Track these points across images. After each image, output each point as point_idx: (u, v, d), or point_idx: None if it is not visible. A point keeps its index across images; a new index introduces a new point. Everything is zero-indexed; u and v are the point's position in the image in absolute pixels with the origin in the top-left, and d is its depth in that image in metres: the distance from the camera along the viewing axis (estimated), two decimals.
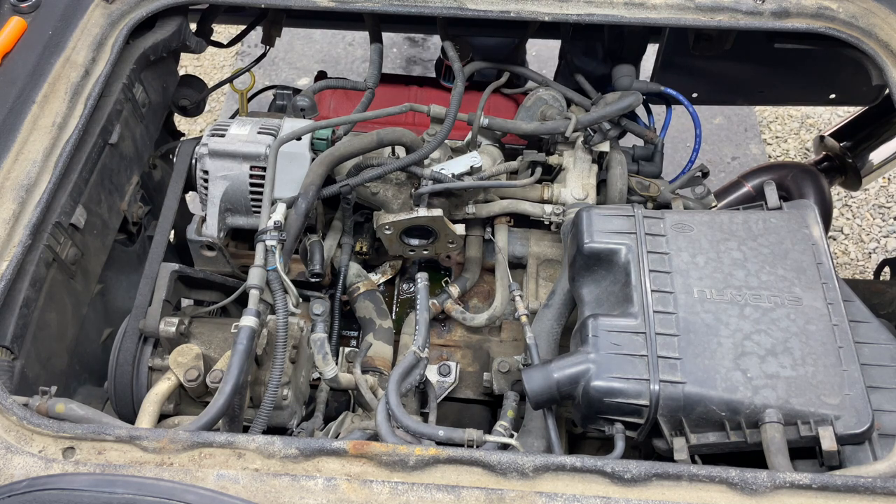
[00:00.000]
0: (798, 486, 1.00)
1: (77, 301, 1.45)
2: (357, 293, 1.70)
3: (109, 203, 1.55)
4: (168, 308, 1.37)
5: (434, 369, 1.62)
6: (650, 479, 1.02)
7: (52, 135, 1.34)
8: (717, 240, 1.32)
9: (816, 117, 3.83)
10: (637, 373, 1.16)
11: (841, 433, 1.10)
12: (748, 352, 1.17)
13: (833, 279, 1.26)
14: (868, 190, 3.54)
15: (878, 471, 1.05)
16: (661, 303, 1.23)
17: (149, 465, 1.03)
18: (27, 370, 1.27)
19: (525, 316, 1.41)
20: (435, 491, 1.01)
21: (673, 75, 1.88)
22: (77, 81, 1.41)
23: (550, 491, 1.01)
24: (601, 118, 1.58)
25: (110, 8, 1.51)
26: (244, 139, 1.54)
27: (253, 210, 1.59)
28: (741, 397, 1.13)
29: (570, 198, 1.61)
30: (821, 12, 1.52)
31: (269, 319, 1.35)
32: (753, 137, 3.76)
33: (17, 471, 1.03)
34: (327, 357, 1.36)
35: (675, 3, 1.53)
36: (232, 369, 1.18)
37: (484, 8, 1.54)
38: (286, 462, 1.04)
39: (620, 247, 1.31)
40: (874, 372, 1.17)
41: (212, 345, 1.36)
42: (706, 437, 1.15)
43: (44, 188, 1.30)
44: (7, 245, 1.23)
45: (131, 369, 1.35)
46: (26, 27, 1.45)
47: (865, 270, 3.29)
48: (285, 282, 1.31)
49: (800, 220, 1.35)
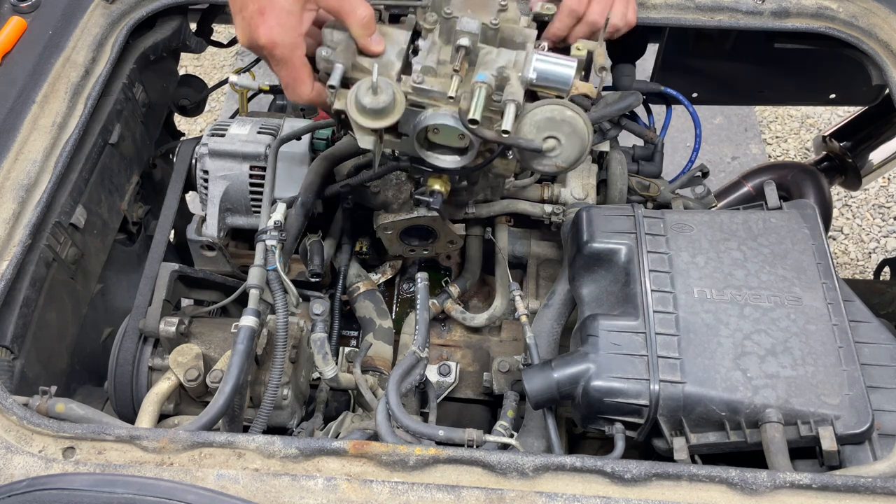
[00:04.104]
0: (798, 486, 1.00)
1: (77, 301, 1.45)
2: (357, 293, 1.70)
3: (109, 203, 1.55)
4: (168, 308, 1.37)
5: (434, 369, 1.62)
6: (650, 479, 1.02)
7: (52, 135, 1.34)
8: (717, 240, 1.32)
9: (816, 117, 3.83)
10: (637, 373, 1.16)
11: (841, 433, 1.10)
12: (748, 352, 1.17)
13: (833, 279, 1.26)
14: (868, 190, 3.55)
15: (878, 471, 1.05)
16: (661, 303, 1.23)
17: (149, 465, 1.03)
18: (27, 370, 1.27)
19: (525, 316, 1.41)
20: (435, 491, 1.01)
21: (673, 75, 1.88)
22: (77, 81, 1.41)
23: (550, 491, 1.01)
24: (601, 118, 1.58)
25: (110, 8, 1.51)
26: (244, 139, 1.54)
27: (253, 210, 1.59)
28: (741, 397, 1.13)
29: (570, 198, 1.61)
30: (821, 12, 1.52)
31: (269, 319, 1.35)
32: (753, 137, 3.77)
33: (17, 471, 1.03)
34: (327, 357, 1.36)
35: (675, 3, 1.53)
36: (232, 369, 1.18)
37: None
38: (286, 462, 1.04)
39: (620, 247, 1.31)
40: (874, 372, 1.17)
41: (212, 345, 1.36)
42: (706, 437, 1.15)
43: (44, 188, 1.30)
44: (7, 245, 1.23)
45: (131, 369, 1.35)
46: (26, 27, 1.45)
47: (865, 270, 3.29)
48: (285, 282, 1.31)
49: (800, 220, 1.35)
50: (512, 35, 1.21)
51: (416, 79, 1.15)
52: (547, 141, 1.20)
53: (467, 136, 1.17)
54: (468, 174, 1.31)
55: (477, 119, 1.11)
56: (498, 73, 1.15)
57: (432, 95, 1.16)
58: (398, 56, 1.18)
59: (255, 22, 1.07)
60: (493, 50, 1.19)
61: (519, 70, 1.16)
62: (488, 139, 1.16)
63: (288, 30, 1.08)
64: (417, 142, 1.20)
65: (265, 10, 1.06)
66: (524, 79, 1.16)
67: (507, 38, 1.21)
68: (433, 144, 1.23)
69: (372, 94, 1.11)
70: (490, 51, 1.18)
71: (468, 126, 1.13)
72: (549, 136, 1.19)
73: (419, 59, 1.18)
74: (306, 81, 1.14)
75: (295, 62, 1.11)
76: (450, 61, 1.17)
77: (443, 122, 1.16)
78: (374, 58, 1.17)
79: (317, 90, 1.16)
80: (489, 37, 1.19)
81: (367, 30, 1.14)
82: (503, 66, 1.16)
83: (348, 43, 1.15)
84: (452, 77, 1.13)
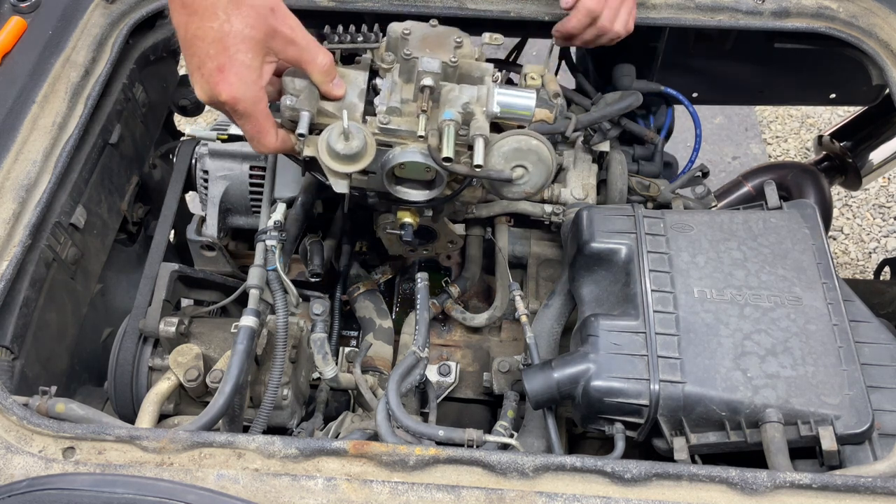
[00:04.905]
0: (798, 486, 1.00)
1: (77, 301, 1.45)
2: (357, 293, 1.70)
3: (109, 203, 1.55)
4: (168, 308, 1.37)
5: (434, 369, 1.62)
6: (650, 479, 1.02)
7: (52, 135, 1.34)
8: (718, 240, 1.32)
9: (816, 117, 3.83)
10: (637, 373, 1.16)
11: (841, 433, 1.10)
12: (748, 351, 1.17)
13: (833, 279, 1.26)
14: (868, 190, 3.55)
15: (878, 471, 1.05)
16: (661, 303, 1.23)
17: (149, 465, 1.03)
18: (27, 370, 1.27)
19: (525, 316, 1.41)
20: (435, 491, 1.01)
21: (673, 75, 1.88)
22: (77, 81, 1.41)
23: (550, 491, 1.01)
24: (601, 118, 1.58)
25: (110, 8, 1.51)
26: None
27: (253, 210, 1.59)
28: (741, 397, 1.13)
29: (570, 198, 1.60)
30: (821, 12, 1.52)
31: (269, 319, 1.35)
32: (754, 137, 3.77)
33: (17, 471, 1.03)
34: (327, 357, 1.36)
35: (675, 3, 1.53)
36: (232, 369, 1.18)
37: (484, 7, 1.54)
38: (286, 462, 1.04)
39: (621, 246, 1.31)
40: (874, 372, 1.17)
41: (212, 345, 1.36)
42: (706, 437, 1.15)
43: (44, 188, 1.30)
44: (7, 245, 1.23)
45: (131, 369, 1.35)
46: (26, 27, 1.45)
47: (865, 270, 3.29)
48: (285, 282, 1.32)
49: (800, 220, 1.35)
50: (470, 70, 1.26)
51: (382, 120, 1.19)
52: (515, 170, 1.25)
53: (433, 169, 1.21)
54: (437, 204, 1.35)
55: (451, 156, 1.15)
56: (463, 109, 1.20)
57: (400, 134, 1.20)
58: (360, 97, 1.22)
59: (214, 79, 1.06)
60: (455, 87, 1.23)
61: (482, 105, 1.21)
62: (462, 174, 1.21)
63: (249, 84, 1.07)
64: (387, 179, 1.24)
65: (224, 66, 1.05)
66: (489, 113, 1.21)
67: (465, 74, 1.26)
68: (399, 179, 1.26)
69: (344, 140, 1.14)
70: (452, 87, 1.23)
71: (442, 164, 1.17)
72: (517, 165, 1.25)
73: (382, 99, 1.22)
74: (270, 132, 1.15)
75: (258, 115, 1.11)
76: (413, 100, 1.22)
77: (412, 159, 1.20)
78: (336, 101, 1.20)
79: (281, 139, 1.17)
80: (449, 74, 1.24)
81: (329, 76, 1.16)
82: (467, 102, 1.20)
83: (311, 89, 1.17)
84: (419, 116, 1.18)
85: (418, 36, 1.25)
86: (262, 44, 1.07)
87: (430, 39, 1.26)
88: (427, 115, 1.18)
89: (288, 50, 1.11)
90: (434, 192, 1.26)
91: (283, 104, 1.16)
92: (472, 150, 1.17)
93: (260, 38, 1.07)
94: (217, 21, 1.04)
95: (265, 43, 1.08)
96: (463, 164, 1.20)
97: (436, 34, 1.27)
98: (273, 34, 1.08)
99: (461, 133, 1.19)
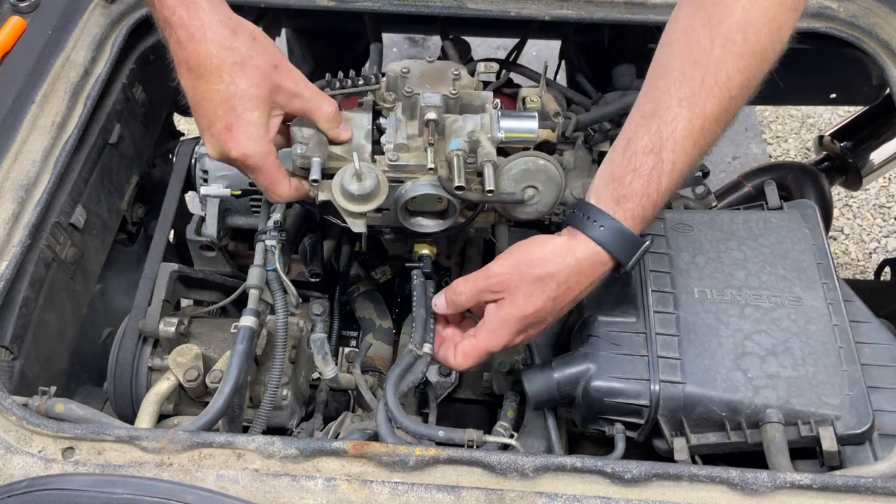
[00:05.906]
0: (798, 487, 1.00)
1: (77, 301, 1.45)
2: (357, 293, 1.69)
3: (109, 203, 1.55)
4: (168, 308, 1.37)
5: (434, 369, 1.62)
6: (650, 480, 1.02)
7: (52, 134, 1.34)
8: (718, 240, 1.31)
9: (816, 117, 3.83)
10: (637, 373, 1.16)
11: (841, 433, 1.10)
12: (748, 352, 1.17)
13: (833, 279, 1.26)
14: (868, 190, 3.54)
15: (878, 471, 1.05)
16: (661, 303, 1.23)
17: (148, 466, 1.03)
18: (27, 370, 1.26)
19: None
20: (435, 491, 1.01)
21: None
22: (77, 81, 1.41)
23: (550, 491, 1.01)
24: (601, 118, 1.58)
25: (110, 8, 1.51)
26: None
27: (252, 210, 1.59)
28: (742, 397, 1.13)
29: (571, 198, 1.60)
30: (821, 12, 1.51)
31: (269, 319, 1.35)
32: (754, 137, 3.76)
33: (17, 471, 1.03)
34: (327, 357, 1.36)
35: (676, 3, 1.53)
36: (231, 369, 1.18)
37: (484, 7, 1.54)
38: (286, 462, 1.04)
39: None
40: (874, 372, 1.17)
41: (211, 345, 1.36)
42: (706, 438, 1.15)
43: (43, 188, 1.29)
44: (6, 245, 1.23)
45: (131, 369, 1.35)
46: (26, 27, 1.45)
47: (866, 270, 3.29)
48: (285, 282, 1.31)
49: (800, 221, 1.35)
50: (470, 100, 1.29)
51: (391, 157, 1.22)
52: (526, 191, 1.27)
53: (445, 199, 1.24)
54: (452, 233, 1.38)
55: (463, 185, 1.18)
56: (469, 138, 1.22)
57: (409, 169, 1.23)
58: (366, 138, 1.25)
59: (223, 138, 1.10)
60: (458, 117, 1.26)
61: (487, 132, 1.24)
62: (475, 201, 1.24)
63: (257, 140, 1.11)
64: (401, 213, 1.27)
65: (233, 126, 1.09)
66: (494, 138, 1.23)
67: (466, 104, 1.29)
68: (413, 212, 1.29)
69: (357, 181, 1.17)
70: (455, 118, 1.25)
71: (454, 193, 1.20)
72: (527, 186, 1.27)
73: (388, 137, 1.25)
74: (283, 182, 1.18)
75: (269, 168, 1.15)
76: (419, 135, 1.25)
77: (425, 191, 1.22)
78: (344, 144, 1.23)
79: (294, 187, 1.20)
80: (450, 106, 1.26)
81: (335, 122, 1.20)
82: (472, 131, 1.23)
83: (319, 137, 1.20)
84: (427, 150, 1.21)
85: (417, 73, 1.29)
86: (268, 100, 1.11)
87: (429, 75, 1.29)
88: (434, 148, 1.21)
89: (293, 103, 1.15)
90: (448, 222, 1.29)
91: (293, 154, 1.19)
92: (481, 177, 1.20)
93: (265, 95, 1.10)
94: (223, 83, 1.07)
95: (270, 99, 1.11)
96: (475, 191, 1.23)
97: (434, 69, 1.30)
98: (277, 90, 1.12)
99: (469, 161, 1.22)
